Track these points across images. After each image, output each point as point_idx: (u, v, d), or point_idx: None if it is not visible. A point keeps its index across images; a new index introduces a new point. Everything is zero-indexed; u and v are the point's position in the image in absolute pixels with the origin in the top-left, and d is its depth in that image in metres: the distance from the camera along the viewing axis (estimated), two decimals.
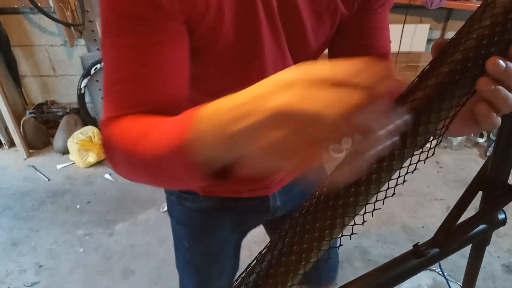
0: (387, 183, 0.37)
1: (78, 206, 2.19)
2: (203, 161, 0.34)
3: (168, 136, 0.37)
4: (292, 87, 0.28)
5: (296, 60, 0.60)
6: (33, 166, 2.57)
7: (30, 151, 2.71)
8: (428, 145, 0.37)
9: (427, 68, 0.36)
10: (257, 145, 0.29)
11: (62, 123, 2.69)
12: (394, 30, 2.35)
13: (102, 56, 0.47)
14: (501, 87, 0.35)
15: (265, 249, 0.39)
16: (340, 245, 0.40)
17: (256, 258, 0.39)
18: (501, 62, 0.33)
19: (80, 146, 2.50)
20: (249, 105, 0.30)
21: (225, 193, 0.80)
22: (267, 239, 0.93)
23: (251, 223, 0.91)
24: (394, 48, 2.38)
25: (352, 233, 0.37)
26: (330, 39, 0.63)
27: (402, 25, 2.30)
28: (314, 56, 0.63)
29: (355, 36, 0.62)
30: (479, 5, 0.35)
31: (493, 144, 0.51)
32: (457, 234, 0.52)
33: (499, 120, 0.37)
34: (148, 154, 0.40)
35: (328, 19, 0.58)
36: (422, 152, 0.37)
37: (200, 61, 0.55)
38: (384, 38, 0.64)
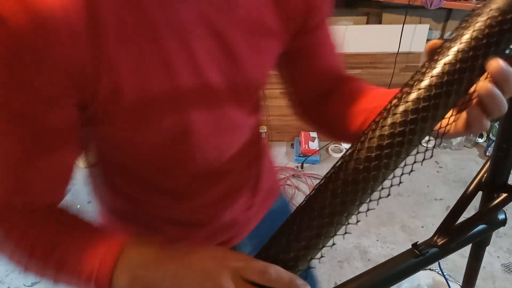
0: (384, 182, 0.37)
1: (78, 206, 2.19)
2: None
3: (82, 273, 0.42)
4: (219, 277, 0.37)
5: (243, 99, 0.55)
6: None
7: None
8: (425, 145, 0.37)
9: (422, 69, 0.36)
10: None
11: None
12: (394, 30, 2.35)
13: None
14: (499, 91, 0.35)
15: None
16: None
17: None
18: (503, 65, 0.33)
19: None
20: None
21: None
22: None
23: None
24: (393, 48, 2.38)
25: (346, 233, 0.38)
26: (276, 65, 0.59)
27: (401, 25, 2.30)
28: (262, 87, 0.59)
29: (302, 58, 0.60)
30: (478, 6, 0.35)
31: (492, 144, 0.51)
32: (457, 233, 0.52)
33: (488, 123, 0.38)
34: (50, 269, 0.44)
35: (270, 47, 0.53)
36: (417, 153, 0.37)
37: (118, 145, 0.50)
38: (331, 54, 0.63)
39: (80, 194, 2.27)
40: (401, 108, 0.35)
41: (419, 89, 0.35)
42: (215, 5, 0.44)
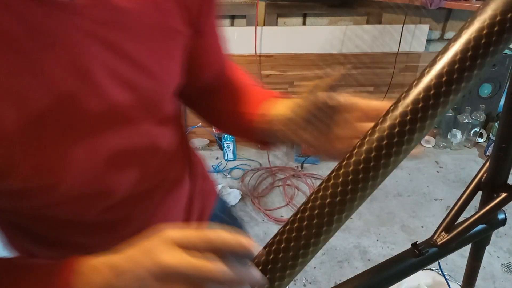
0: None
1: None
2: None
3: None
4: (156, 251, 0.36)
5: (158, 109, 0.52)
6: None
7: None
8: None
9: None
10: None
11: None
12: (394, 30, 2.35)
13: None
14: None
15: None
16: None
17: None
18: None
19: None
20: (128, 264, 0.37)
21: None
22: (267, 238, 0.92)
23: None
24: (393, 48, 2.38)
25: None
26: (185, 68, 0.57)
27: (401, 25, 2.30)
28: (176, 91, 0.56)
29: (192, 55, 0.57)
30: (479, 6, 0.35)
31: (492, 144, 0.51)
32: (456, 233, 0.53)
33: None
34: None
35: (177, 48, 0.51)
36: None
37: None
38: (219, 51, 0.63)
39: None
40: (400, 107, 0.36)
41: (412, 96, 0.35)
42: (99, 20, 0.41)
